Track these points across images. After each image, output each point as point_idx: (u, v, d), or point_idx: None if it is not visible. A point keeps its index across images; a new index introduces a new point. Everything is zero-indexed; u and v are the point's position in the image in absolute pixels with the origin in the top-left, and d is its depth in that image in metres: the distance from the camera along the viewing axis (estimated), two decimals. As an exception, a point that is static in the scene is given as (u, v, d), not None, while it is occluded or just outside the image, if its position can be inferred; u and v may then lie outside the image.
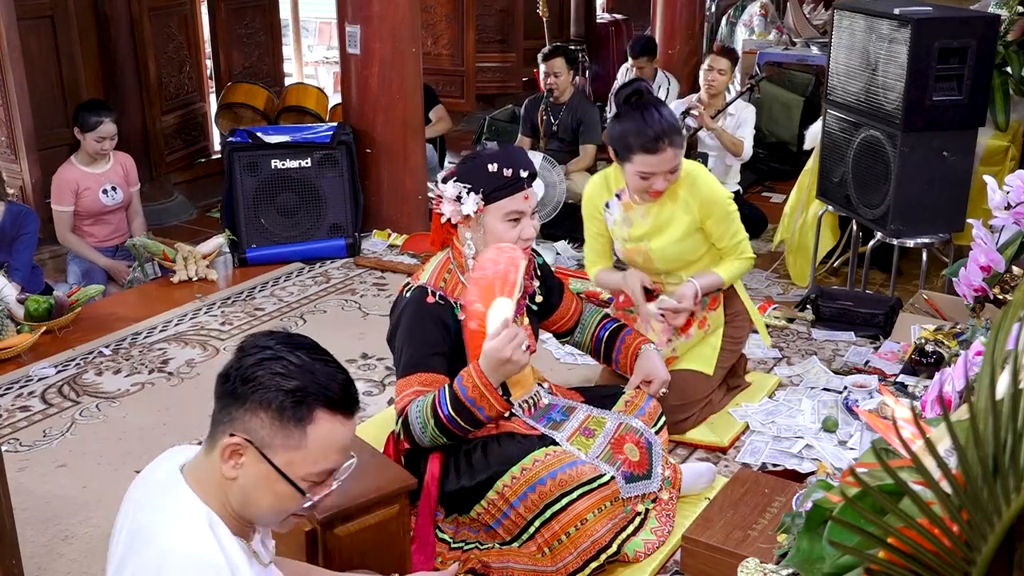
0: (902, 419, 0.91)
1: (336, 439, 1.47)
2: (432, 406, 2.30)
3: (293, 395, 1.43)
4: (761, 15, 8.17)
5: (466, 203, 2.37)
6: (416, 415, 2.32)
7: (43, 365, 3.65)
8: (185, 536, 1.42)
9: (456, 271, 2.47)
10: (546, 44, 6.07)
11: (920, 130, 3.74)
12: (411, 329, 2.39)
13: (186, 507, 1.46)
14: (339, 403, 1.46)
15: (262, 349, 1.47)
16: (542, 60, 5.59)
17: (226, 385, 1.47)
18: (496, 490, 2.34)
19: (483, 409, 2.29)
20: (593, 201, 3.09)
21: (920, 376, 3.15)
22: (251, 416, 1.44)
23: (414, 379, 2.36)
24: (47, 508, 2.80)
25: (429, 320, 2.39)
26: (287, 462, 1.44)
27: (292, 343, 1.50)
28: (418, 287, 2.44)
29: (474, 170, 2.40)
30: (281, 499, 1.47)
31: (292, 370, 1.44)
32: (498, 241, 2.38)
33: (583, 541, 2.30)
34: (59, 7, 5.34)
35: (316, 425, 1.44)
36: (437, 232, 2.53)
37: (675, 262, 3.01)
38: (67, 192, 4.48)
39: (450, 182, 2.40)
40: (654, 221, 2.96)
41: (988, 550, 0.73)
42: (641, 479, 2.51)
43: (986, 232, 2.58)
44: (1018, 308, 0.78)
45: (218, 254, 4.64)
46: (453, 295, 2.43)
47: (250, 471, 1.45)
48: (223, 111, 6.21)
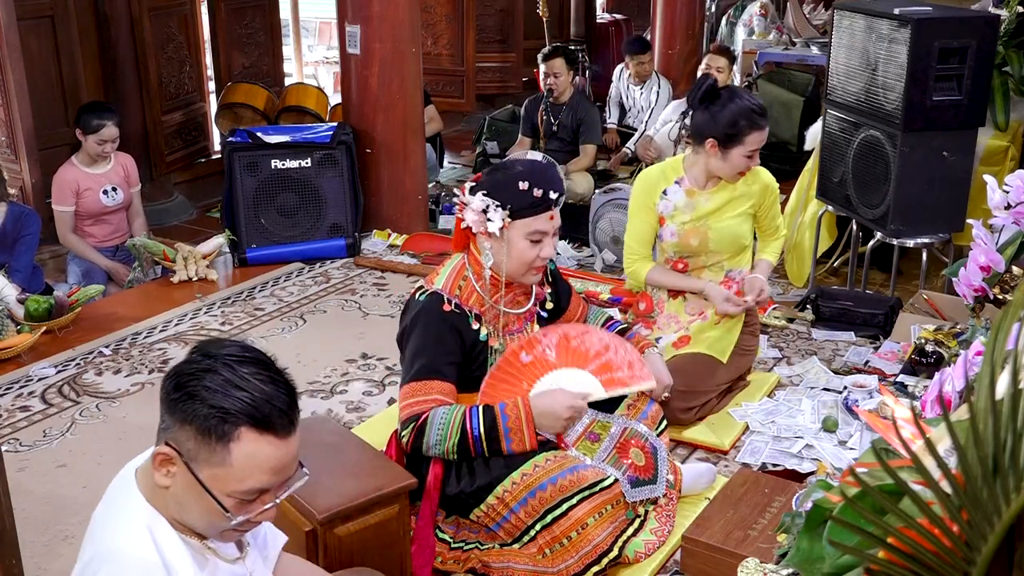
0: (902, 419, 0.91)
1: (264, 460, 1.43)
2: (461, 422, 2.29)
3: (218, 411, 1.40)
4: (761, 15, 8.17)
5: (493, 219, 2.35)
6: (439, 426, 2.30)
7: (43, 365, 3.65)
8: (121, 534, 1.45)
9: (471, 279, 2.46)
10: (546, 44, 6.07)
11: (920, 130, 3.74)
12: (426, 335, 2.37)
13: (130, 506, 1.49)
14: (268, 423, 1.42)
15: (204, 358, 1.45)
16: (542, 60, 5.59)
17: (163, 391, 1.46)
18: (496, 495, 2.33)
19: (512, 442, 2.30)
20: (649, 192, 3.20)
21: (920, 376, 3.15)
22: (180, 427, 1.43)
23: (432, 386, 2.34)
24: (47, 508, 2.80)
25: (445, 328, 2.38)
26: (211, 477, 1.42)
27: (238, 357, 1.46)
28: (433, 293, 2.42)
29: (505, 186, 2.36)
30: (209, 513, 1.45)
31: (225, 386, 1.41)
32: (518, 259, 2.39)
33: (584, 545, 2.30)
34: (59, 7, 5.34)
35: (240, 444, 1.41)
36: (459, 236, 2.50)
37: (730, 245, 3.18)
38: (68, 192, 4.48)
39: (478, 194, 2.37)
40: (720, 202, 3.16)
41: (988, 550, 0.73)
42: (647, 483, 2.52)
43: (986, 232, 2.58)
44: (1018, 308, 0.78)
45: (218, 254, 4.64)
46: (467, 303, 2.42)
47: (180, 481, 1.45)
48: (223, 111, 6.21)
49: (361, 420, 3.26)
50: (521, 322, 2.55)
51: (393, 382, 3.54)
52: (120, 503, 1.51)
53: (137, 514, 1.47)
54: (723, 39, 8.46)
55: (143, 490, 1.50)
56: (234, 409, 1.40)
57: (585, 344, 2.46)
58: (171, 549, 1.46)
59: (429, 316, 2.39)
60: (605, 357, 2.45)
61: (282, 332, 4.01)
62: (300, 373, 3.63)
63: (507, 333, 2.49)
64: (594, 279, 4.47)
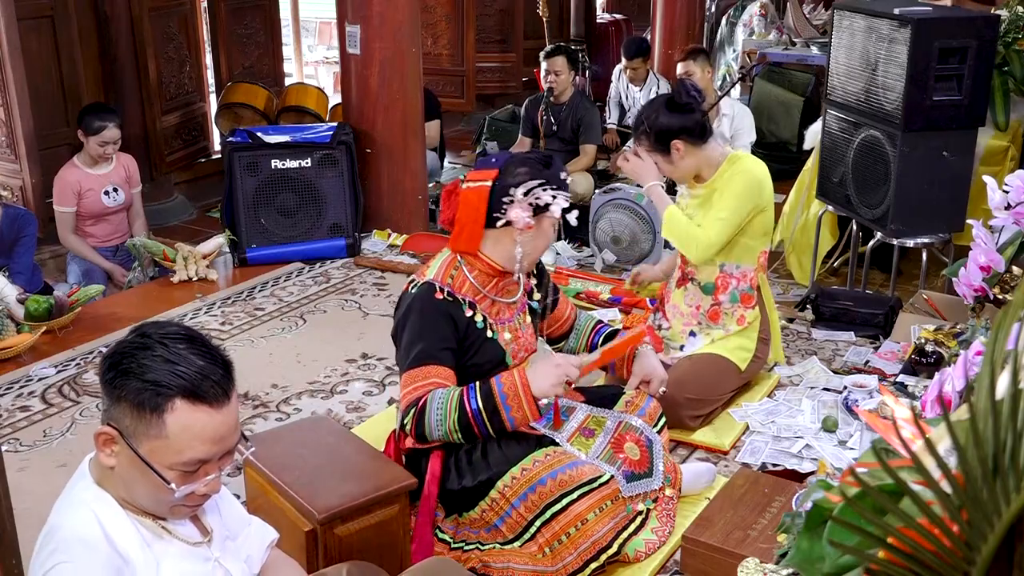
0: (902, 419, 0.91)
1: (200, 429, 1.47)
2: (459, 400, 2.30)
3: (152, 385, 1.44)
4: (761, 15, 8.17)
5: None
6: (438, 406, 2.31)
7: (43, 365, 3.65)
8: (67, 517, 1.51)
9: (464, 269, 2.48)
10: (546, 44, 6.06)
11: (920, 130, 3.74)
12: (421, 323, 2.39)
13: (78, 491, 1.54)
14: (200, 393, 1.46)
15: (138, 338, 1.50)
16: (544, 58, 5.59)
17: (100, 373, 1.51)
18: (498, 490, 2.34)
19: (511, 409, 2.31)
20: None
21: (920, 376, 3.15)
22: (117, 405, 1.47)
23: (429, 371, 2.35)
24: (47, 508, 2.78)
25: (439, 314, 2.40)
26: (151, 451, 1.46)
27: (172, 334, 1.50)
28: (425, 283, 2.44)
29: (555, 177, 2.45)
30: (154, 488, 1.49)
31: (156, 361, 1.46)
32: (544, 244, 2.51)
33: (583, 541, 2.30)
34: (59, 7, 5.34)
35: (175, 415, 1.45)
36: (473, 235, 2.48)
37: None
38: (69, 193, 4.48)
39: (546, 189, 2.41)
40: (702, 196, 3.18)
41: (988, 550, 0.73)
42: (642, 477, 2.52)
43: (986, 232, 2.58)
44: (1018, 308, 0.78)
45: (218, 254, 4.64)
46: (460, 292, 2.44)
47: (123, 460, 1.49)
48: (223, 111, 6.21)
49: (361, 420, 3.26)
50: (512, 312, 2.57)
51: (393, 382, 3.54)
52: (70, 487, 1.58)
53: (83, 495, 1.53)
54: (723, 39, 8.46)
55: (93, 474, 1.56)
56: (166, 382, 1.45)
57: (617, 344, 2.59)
58: (115, 527, 1.50)
59: (422, 304, 2.41)
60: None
61: (282, 332, 4.01)
62: (300, 373, 3.63)
63: (499, 322, 2.51)
64: (594, 279, 4.47)
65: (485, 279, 2.49)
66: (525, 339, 2.58)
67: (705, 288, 3.21)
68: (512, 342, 2.52)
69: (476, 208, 2.44)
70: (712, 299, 3.20)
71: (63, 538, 1.48)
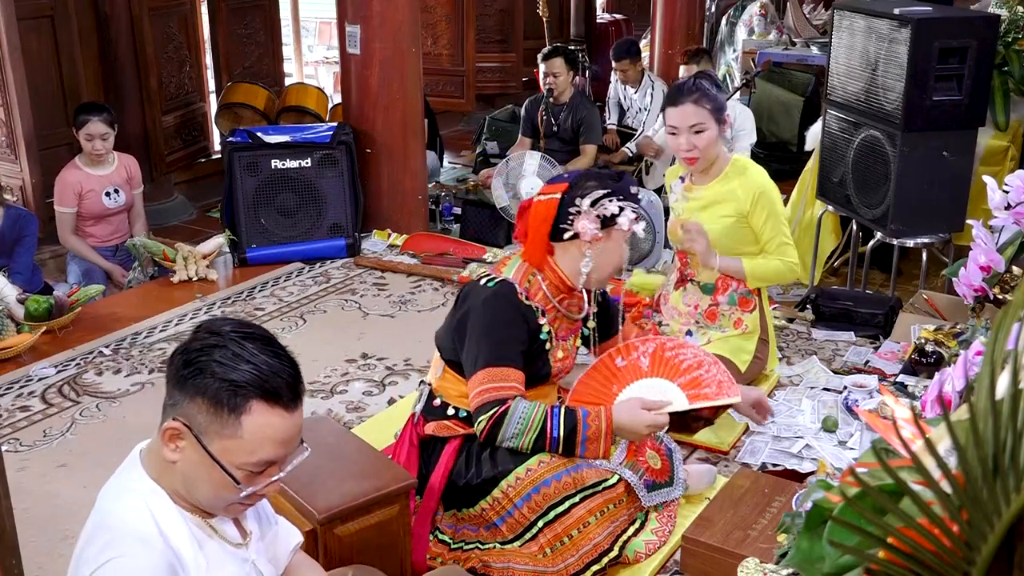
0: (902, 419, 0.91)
1: (273, 431, 1.47)
2: (542, 422, 2.30)
3: (231, 385, 1.44)
4: (761, 15, 8.17)
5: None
6: (519, 419, 2.30)
7: (43, 365, 3.65)
8: (120, 509, 1.49)
9: (539, 278, 2.46)
10: (546, 44, 6.07)
11: (920, 130, 3.74)
12: (498, 320, 2.37)
13: (131, 482, 1.52)
14: (278, 395, 1.46)
15: (211, 335, 1.49)
16: (542, 60, 5.59)
17: (171, 368, 1.50)
18: (501, 489, 2.34)
19: (586, 447, 2.33)
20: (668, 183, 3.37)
21: (920, 376, 3.15)
22: (190, 401, 1.46)
23: (509, 373, 2.33)
24: (47, 508, 2.80)
25: (518, 315, 2.39)
26: (222, 449, 1.46)
27: (243, 333, 1.50)
28: (504, 280, 2.42)
29: (625, 190, 2.43)
30: (217, 486, 1.48)
31: (234, 360, 1.45)
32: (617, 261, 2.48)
33: (585, 544, 2.31)
34: (59, 7, 5.34)
35: (252, 416, 1.45)
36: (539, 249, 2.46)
37: (715, 245, 3.13)
38: (70, 194, 4.48)
39: (613, 200, 2.39)
40: (704, 199, 3.15)
41: (988, 550, 0.73)
42: (664, 487, 2.53)
43: (986, 232, 2.58)
44: (1018, 308, 0.78)
45: (218, 254, 4.64)
46: (534, 299, 2.44)
47: (188, 456, 1.48)
48: (223, 111, 6.21)
49: (361, 420, 3.26)
50: (568, 331, 2.55)
51: (393, 382, 3.55)
52: (122, 478, 1.55)
53: (137, 488, 1.50)
54: (723, 39, 8.46)
55: (147, 467, 1.53)
56: (244, 381, 1.44)
57: (679, 357, 2.51)
58: (169, 522, 1.48)
59: (502, 300, 2.38)
60: (696, 373, 2.48)
61: (282, 332, 4.01)
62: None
63: (557, 338, 2.50)
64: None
65: (555, 292, 2.48)
66: (568, 362, 2.58)
67: (705, 288, 3.21)
68: (559, 361, 2.52)
69: (544, 219, 2.43)
70: (711, 299, 3.21)
71: (117, 531, 1.46)
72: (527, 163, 4.87)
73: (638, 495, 2.44)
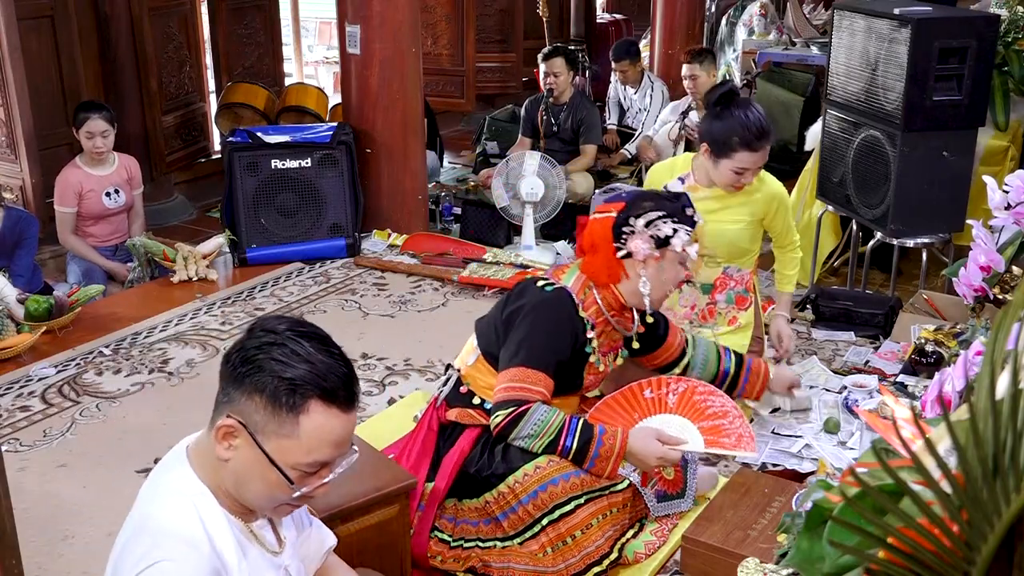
0: (902, 419, 0.91)
1: (329, 431, 1.45)
2: (558, 430, 2.31)
3: (289, 383, 1.42)
4: (761, 15, 8.16)
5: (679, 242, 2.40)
6: (536, 422, 2.31)
7: (43, 365, 3.65)
8: (167, 509, 1.46)
9: (595, 292, 2.47)
10: (546, 44, 6.06)
11: (920, 130, 3.74)
12: (548, 325, 2.38)
13: (178, 483, 1.49)
14: (336, 396, 1.45)
15: (268, 333, 1.47)
16: (542, 60, 5.58)
17: (227, 365, 1.48)
18: (508, 484, 2.34)
19: (595, 465, 2.33)
20: (655, 184, 3.21)
21: (920, 376, 3.15)
22: (247, 399, 1.44)
23: (539, 377, 2.34)
24: (47, 508, 2.80)
25: (568, 324, 2.40)
26: (278, 449, 1.44)
27: (300, 331, 1.48)
28: (563, 288, 2.43)
29: (680, 212, 2.43)
30: (270, 486, 1.46)
31: (292, 358, 1.43)
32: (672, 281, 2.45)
33: (588, 545, 2.32)
34: (59, 7, 5.34)
35: (310, 416, 1.43)
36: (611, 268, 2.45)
37: (726, 247, 3.13)
38: (70, 194, 4.48)
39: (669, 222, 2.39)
40: (717, 203, 3.10)
41: (988, 550, 0.73)
42: (674, 498, 2.54)
43: (986, 232, 2.58)
44: (1018, 308, 0.78)
45: (218, 254, 4.64)
46: (587, 312, 2.44)
47: (242, 454, 1.45)
48: (223, 111, 6.21)
49: (361, 420, 3.25)
50: (609, 347, 2.55)
51: (393, 382, 3.55)
52: (167, 477, 1.51)
53: (185, 490, 1.47)
54: (723, 39, 8.45)
55: (195, 465, 1.50)
56: (302, 380, 1.43)
57: (707, 402, 2.51)
58: (216, 527, 1.46)
59: (557, 307, 2.40)
60: (719, 421, 2.49)
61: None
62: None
63: (601, 353, 2.50)
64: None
65: (609, 308, 2.49)
66: (600, 379, 2.59)
67: (703, 288, 3.22)
68: (594, 375, 2.52)
69: (604, 238, 2.44)
70: (709, 298, 3.22)
71: (162, 532, 1.43)
72: (527, 163, 4.86)
73: (647, 504, 2.45)
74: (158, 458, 3.06)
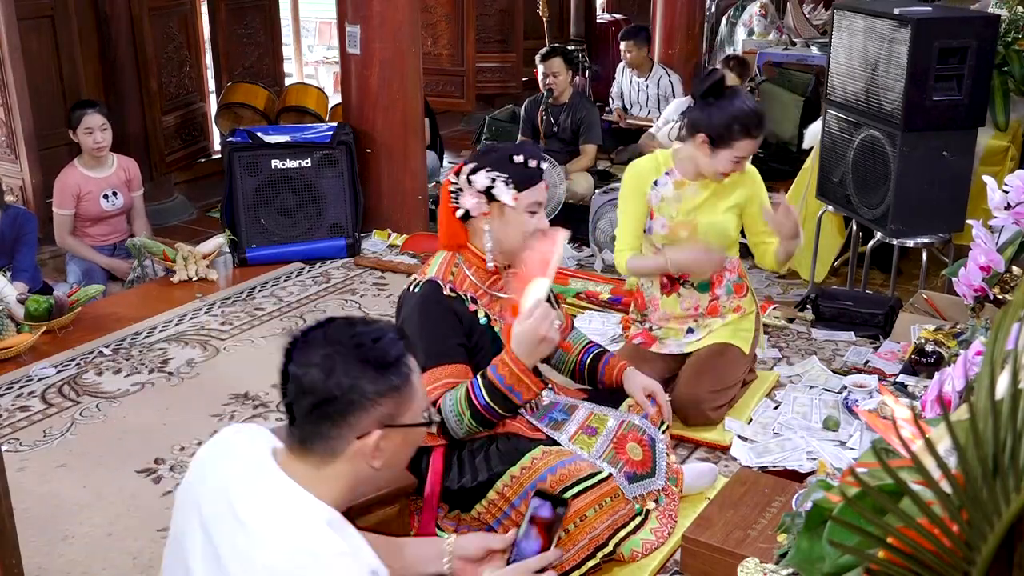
0: (902, 419, 0.91)
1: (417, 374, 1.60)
2: (467, 397, 2.30)
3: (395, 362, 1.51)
4: (761, 15, 8.16)
5: (503, 194, 2.37)
6: (451, 408, 2.31)
7: (43, 365, 3.65)
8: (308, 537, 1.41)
9: (463, 266, 2.48)
10: (546, 44, 6.07)
11: (920, 130, 3.74)
12: (428, 322, 2.38)
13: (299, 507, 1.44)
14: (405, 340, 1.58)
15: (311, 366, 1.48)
16: (540, 60, 5.59)
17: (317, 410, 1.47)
18: (496, 490, 2.34)
19: (520, 393, 2.29)
20: (642, 180, 3.17)
21: (920, 376, 3.15)
22: (367, 413, 1.48)
23: (441, 371, 2.34)
24: (47, 508, 2.80)
25: (445, 311, 2.39)
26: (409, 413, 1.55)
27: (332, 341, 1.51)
28: (428, 281, 2.43)
29: (501, 161, 2.40)
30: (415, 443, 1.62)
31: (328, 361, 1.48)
32: (520, 232, 2.41)
33: (581, 538, 2.31)
34: (59, 7, 5.34)
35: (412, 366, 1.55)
36: (451, 230, 2.48)
37: (720, 236, 3.14)
38: (69, 196, 4.47)
39: (481, 173, 2.38)
40: (709, 195, 3.11)
41: (988, 550, 0.73)
42: (645, 477, 2.52)
43: (986, 232, 2.58)
44: (1018, 308, 0.78)
45: (218, 254, 4.64)
46: (462, 288, 2.44)
47: (390, 447, 1.52)
48: (223, 111, 6.21)
49: (361, 420, 3.25)
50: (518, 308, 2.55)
51: (393, 382, 3.54)
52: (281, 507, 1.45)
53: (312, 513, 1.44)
54: (723, 39, 8.46)
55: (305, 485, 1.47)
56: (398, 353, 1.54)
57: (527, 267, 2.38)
58: (352, 539, 1.45)
59: (427, 302, 2.40)
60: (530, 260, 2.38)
61: (282, 332, 4.01)
62: (300, 373, 3.62)
63: (503, 319, 2.50)
64: (594, 279, 4.48)
65: (484, 275, 2.49)
66: None
67: (701, 287, 3.20)
68: None
69: (444, 202, 2.47)
70: (710, 295, 3.22)
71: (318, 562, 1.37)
72: (527, 163, 4.86)
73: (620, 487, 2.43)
74: (159, 458, 3.09)
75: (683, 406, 3.04)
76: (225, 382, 3.56)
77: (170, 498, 2.82)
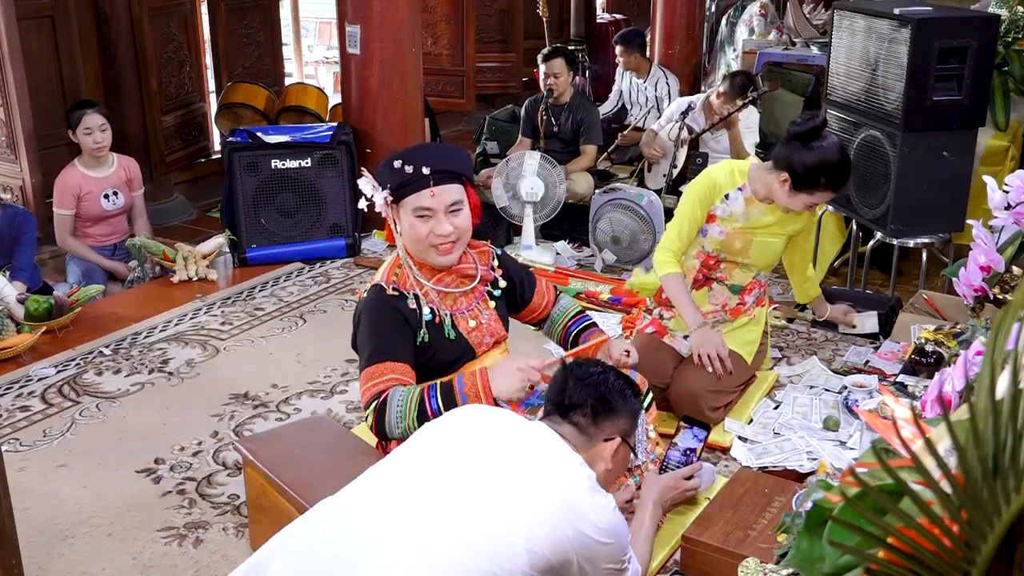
0: (902, 419, 0.91)
1: None
2: (419, 400, 2.30)
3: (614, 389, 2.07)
4: (761, 15, 8.16)
5: (376, 198, 2.45)
6: (397, 404, 2.31)
7: (43, 365, 3.65)
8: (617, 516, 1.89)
9: (406, 265, 2.51)
10: (546, 44, 6.07)
11: (920, 130, 3.74)
12: (374, 322, 2.43)
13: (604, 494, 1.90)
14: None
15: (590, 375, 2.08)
16: (542, 61, 5.58)
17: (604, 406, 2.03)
18: None
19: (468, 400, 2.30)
20: (714, 192, 3.22)
21: (920, 376, 3.15)
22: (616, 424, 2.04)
23: (386, 367, 2.36)
24: (47, 508, 2.80)
25: (391, 311, 2.43)
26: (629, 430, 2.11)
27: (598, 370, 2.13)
28: (374, 286, 2.50)
29: (384, 167, 2.47)
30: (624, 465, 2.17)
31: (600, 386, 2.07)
32: (411, 235, 2.46)
33: None
34: (59, 7, 5.34)
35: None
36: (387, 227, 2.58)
37: (764, 257, 3.26)
38: (69, 196, 4.47)
39: (366, 175, 2.48)
40: (774, 219, 3.20)
41: (988, 550, 0.73)
42: None
43: (986, 232, 2.58)
44: (1018, 308, 0.78)
45: (218, 254, 4.64)
46: (405, 287, 2.48)
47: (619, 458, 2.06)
48: (223, 111, 6.21)
49: (361, 420, 3.25)
50: (470, 300, 2.57)
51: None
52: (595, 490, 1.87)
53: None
54: (723, 39, 8.46)
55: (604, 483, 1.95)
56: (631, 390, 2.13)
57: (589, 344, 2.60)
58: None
59: (372, 305, 2.45)
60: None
61: (282, 332, 4.01)
62: (300, 373, 3.63)
63: (456, 312, 2.51)
64: (594, 279, 4.48)
65: (428, 272, 2.52)
66: (489, 326, 2.58)
67: (733, 288, 3.29)
68: (475, 330, 2.53)
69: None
70: (739, 298, 3.30)
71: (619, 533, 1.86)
72: (527, 163, 4.86)
73: None
74: (159, 458, 3.09)
75: (680, 399, 3.08)
76: (225, 382, 3.56)
77: (170, 498, 2.82)
